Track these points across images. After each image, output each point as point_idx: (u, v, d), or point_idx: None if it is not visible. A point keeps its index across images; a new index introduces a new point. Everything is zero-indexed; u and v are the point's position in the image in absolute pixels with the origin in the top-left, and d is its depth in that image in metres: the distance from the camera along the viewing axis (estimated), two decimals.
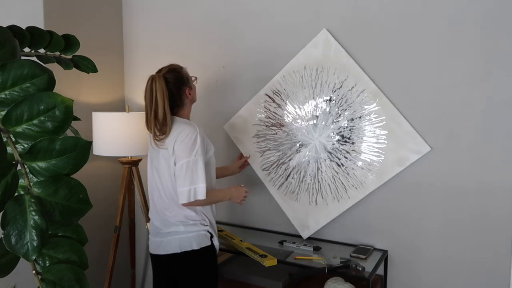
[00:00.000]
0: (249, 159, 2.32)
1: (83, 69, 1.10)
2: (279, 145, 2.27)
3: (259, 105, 2.30)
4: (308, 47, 2.15)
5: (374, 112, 2.03)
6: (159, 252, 1.84)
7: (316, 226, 2.20)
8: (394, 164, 2.01)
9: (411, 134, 1.97)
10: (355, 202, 2.10)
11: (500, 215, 1.84)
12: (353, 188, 2.10)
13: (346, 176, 2.12)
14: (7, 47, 0.70)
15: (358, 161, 2.08)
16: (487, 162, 1.85)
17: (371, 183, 2.06)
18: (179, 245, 1.78)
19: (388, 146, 2.01)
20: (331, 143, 2.14)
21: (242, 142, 2.37)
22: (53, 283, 0.67)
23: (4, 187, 0.61)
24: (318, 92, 2.15)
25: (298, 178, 2.24)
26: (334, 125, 2.12)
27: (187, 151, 1.72)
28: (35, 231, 0.62)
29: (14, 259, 0.68)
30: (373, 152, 2.05)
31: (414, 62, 1.95)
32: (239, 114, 2.36)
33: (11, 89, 0.66)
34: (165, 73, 1.80)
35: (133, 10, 2.74)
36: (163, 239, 1.83)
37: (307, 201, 2.22)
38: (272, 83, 2.25)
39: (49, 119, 0.65)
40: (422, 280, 2.02)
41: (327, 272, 1.80)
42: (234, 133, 2.39)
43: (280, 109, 2.25)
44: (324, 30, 2.10)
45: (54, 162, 0.66)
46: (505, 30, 1.77)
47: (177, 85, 1.81)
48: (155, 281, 1.95)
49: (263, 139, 2.31)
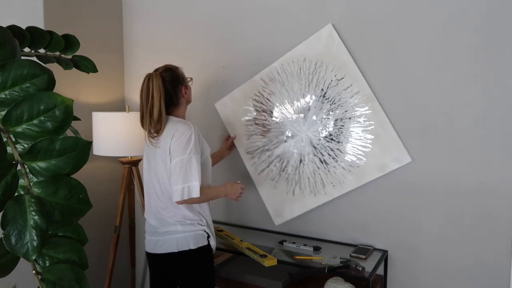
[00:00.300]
0: (235, 139, 2.34)
1: (83, 69, 1.10)
2: (266, 131, 2.29)
3: (253, 89, 2.30)
4: (311, 39, 2.13)
5: (364, 115, 2.05)
6: (156, 251, 1.84)
7: (290, 215, 2.25)
8: (375, 169, 2.04)
9: (395, 142, 2.00)
10: (330, 199, 2.15)
11: (500, 215, 1.84)
12: (331, 185, 2.14)
13: (326, 173, 2.15)
14: (7, 47, 0.70)
15: (340, 160, 2.12)
16: (487, 162, 1.85)
17: (349, 184, 2.10)
18: (176, 245, 1.78)
19: (373, 150, 2.04)
20: (318, 139, 2.16)
21: (231, 123, 2.38)
22: (53, 283, 0.67)
23: (4, 187, 0.61)
24: (313, 86, 2.15)
25: (280, 167, 2.27)
26: (324, 121, 2.14)
27: (181, 149, 1.73)
28: (35, 231, 0.62)
29: (14, 259, 0.68)
30: (357, 154, 2.08)
31: (412, 69, 1.95)
32: (232, 94, 2.36)
33: (11, 89, 0.66)
34: (162, 72, 1.82)
35: (133, 10, 2.74)
36: (160, 238, 1.83)
37: (285, 190, 2.26)
38: (270, 68, 2.25)
39: (49, 119, 0.65)
40: (422, 280, 2.02)
41: (327, 272, 1.80)
42: (225, 112, 2.40)
43: (273, 96, 2.25)
44: (330, 25, 2.08)
45: (54, 162, 0.66)
46: (504, 31, 1.78)
47: (174, 84, 1.83)
48: (152, 279, 1.96)
49: (252, 123, 2.33)
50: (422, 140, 1.97)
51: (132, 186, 2.55)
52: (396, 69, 1.99)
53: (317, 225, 2.25)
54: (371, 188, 2.09)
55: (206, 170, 1.87)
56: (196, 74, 2.45)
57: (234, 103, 2.36)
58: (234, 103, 2.36)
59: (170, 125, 1.78)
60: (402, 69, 1.98)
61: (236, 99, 2.35)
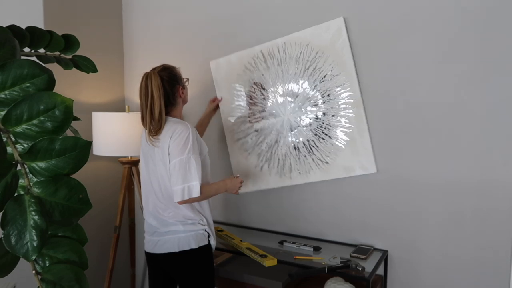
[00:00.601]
0: (220, 102, 2.37)
1: (83, 69, 1.10)
2: (252, 104, 2.32)
3: (250, 59, 2.30)
4: (320, 26, 2.10)
5: (347, 117, 2.09)
6: (156, 251, 1.84)
7: (251, 188, 2.34)
8: (341, 169, 2.11)
9: (367, 151, 2.06)
10: (293, 184, 2.25)
11: (500, 214, 1.84)
12: (297, 172, 2.22)
13: (296, 160, 2.22)
14: (7, 47, 0.70)
15: (312, 152, 2.18)
16: (487, 161, 1.85)
17: (313, 175, 2.19)
18: (178, 244, 1.79)
19: (344, 152, 2.10)
20: (298, 125, 2.20)
21: (220, 86, 2.40)
22: (53, 283, 0.67)
23: (4, 187, 0.61)
24: (308, 74, 2.16)
25: (256, 141, 2.32)
26: (308, 111, 2.17)
27: (180, 149, 1.73)
28: (35, 231, 0.62)
29: (14, 259, 0.68)
30: (329, 151, 2.14)
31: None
32: (229, 58, 2.35)
33: (11, 89, 0.66)
34: (160, 71, 1.82)
35: (133, 10, 2.74)
36: (160, 238, 1.83)
37: (254, 164, 2.33)
38: (272, 43, 2.23)
39: (49, 119, 0.65)
40: (422, 280, 2.02)
41: (327, 272, 1.80)
42: (217, 73, 2.41)
43: (268, 72, 2.26)
44: (341, 18, 2.06)
45: (54, 162, 0.66)
46: (504, 31, 1.78)
47: (171, 83, 1.83)
48: (151, 279, 1.96)
49: (241, 92, 2.34)
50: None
51: (132, 186, 2.55)
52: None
53: (317, 225, 2.25)
54: (371, 188, 2.09)
55: (205, 169, 1.88)
56: (196, 74, 2.45)
57: (228, 67, 2.37)
58: (229, 67, 2.37)
59: (168, 126, 1.79)
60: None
61: (232, 63, 2.36)
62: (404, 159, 2.01)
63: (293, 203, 2.30)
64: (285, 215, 2.32)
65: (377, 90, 2.03)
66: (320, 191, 2.22)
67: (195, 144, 1.77)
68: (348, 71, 2.06)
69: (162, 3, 2.63)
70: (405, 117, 1.99)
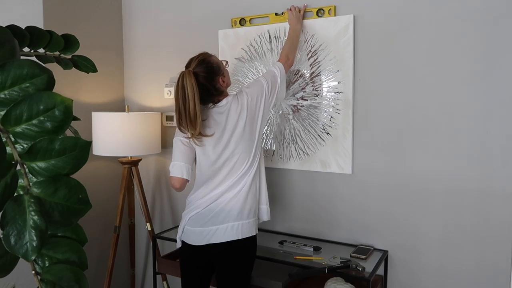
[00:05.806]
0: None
1: (83, 69, 1.10)
2: (249, 75, 2.36)
3: (256, 36, 2.32)
4: (329, 19, 2.10)
5: (333, 116, 2.12)
6: (211, 241, 1.79)
7: None
8: (318, 163, 2.20)
9: (347, 152, 2.11)
10: (272, 167, 2.33)
11: (500, 214, 1.84)
12: (279, 156, 2.32)
13: (280, 145, 2.29)
14: (6, 47, 0.70)
15: (294, 142, 2.23)
16: (488, 163, 1.85)
17: (292, 164, 2.28)
18: (241, 231, 1.79)
19: (325, 148, 2.15)
20: (288, 113, 2.26)
21: (224, 56, 2.41)
22: (53, 283, 0.66)
23: (4, 187, 0.61)
24: (308, 64, 2.18)
25: None
26: (299, 100, 2.21)
27: (255, 81, 1.89)
28: (35, 231, 0.62)
29: (14, 259, 0.68)
30: (311, 144, 2.19)
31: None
32: (237, 30, 2.37)
33: (10, 89, 0.66)
34: (195, 67, 1.75)
35: (133, 10, 2.74)
36: (218, 226, 1.78)
37: None
38: (280, 25, 2.24)
39: (48, 119, 0.65)
40: (422, 280, 2.02)
41: (327, 272, 1.80)
42: (223, 42, 2.42)
43: (270, 53, 2.28)
44: (351, 16, 2.05)
45: (53, 162, 0.66)
46: (504, 31, 1.78)
47: (209, 78, 1.76)
48: (189, 274, 1.90)
49: (241, 66, 2.38)
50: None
51: (132, 186, 2.55)
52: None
53: (317, 225, 2.25)
54: (371, 188, 2.09)
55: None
56: None
57: (235, 39, 2.39)
58: (235, 39, 2.39)
59: (229, 103, 1.81)
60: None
61: (239, 36, 2.38)
62: (404, 159, 2.01)
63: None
64: (286, 216, 2.32)
65: (374, 93, 2.03)
66: (316, 185, 2.22)
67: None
68: (346, 70, 2.07)
69: (162, 3, 2.63)
70: (405, 117, 1.99)
